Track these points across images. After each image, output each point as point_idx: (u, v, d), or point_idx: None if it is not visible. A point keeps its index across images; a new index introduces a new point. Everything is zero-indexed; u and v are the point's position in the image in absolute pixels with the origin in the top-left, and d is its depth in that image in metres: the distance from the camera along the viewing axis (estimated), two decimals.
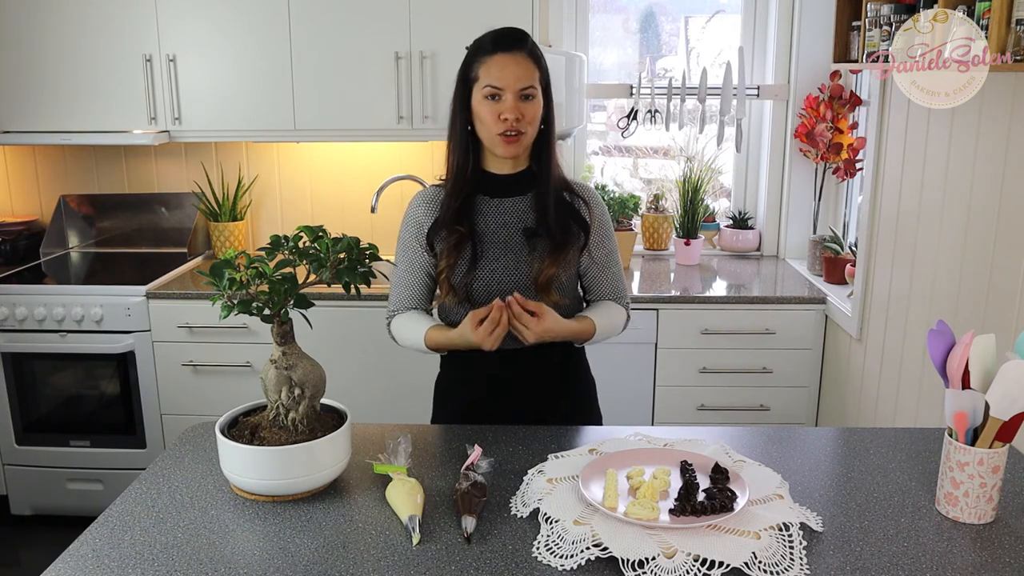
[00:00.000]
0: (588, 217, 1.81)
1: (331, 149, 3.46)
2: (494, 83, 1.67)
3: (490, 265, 1.75)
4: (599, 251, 1.83)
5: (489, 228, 1.76)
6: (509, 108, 1.66)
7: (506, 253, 1.75)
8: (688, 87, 3.33)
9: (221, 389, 3.03)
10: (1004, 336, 1.74)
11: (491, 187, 1.78)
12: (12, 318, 2.98)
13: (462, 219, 1.75)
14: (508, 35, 1.72)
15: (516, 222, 1.77)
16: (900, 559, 1.22)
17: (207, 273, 1.35)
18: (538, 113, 1.71)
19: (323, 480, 1.41)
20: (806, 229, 3.40)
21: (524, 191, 1.78)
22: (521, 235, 1.76)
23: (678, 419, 3.01)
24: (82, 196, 3.53)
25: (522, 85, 1.67)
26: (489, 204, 1.77)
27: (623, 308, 1.88)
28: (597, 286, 1.86)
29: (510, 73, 1.67)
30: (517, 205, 1.78)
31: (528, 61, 1.69)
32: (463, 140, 1.75)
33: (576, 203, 1.81)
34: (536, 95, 1.69)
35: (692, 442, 1.54)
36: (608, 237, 1.85)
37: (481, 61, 1.69)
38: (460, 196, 1.75)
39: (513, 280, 1.75)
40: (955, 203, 2.12)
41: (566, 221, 1.77)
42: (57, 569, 1.21)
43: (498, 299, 1.64)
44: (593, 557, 1.20)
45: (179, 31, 3.03)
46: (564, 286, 1.79)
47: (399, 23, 2.97)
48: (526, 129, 1.69)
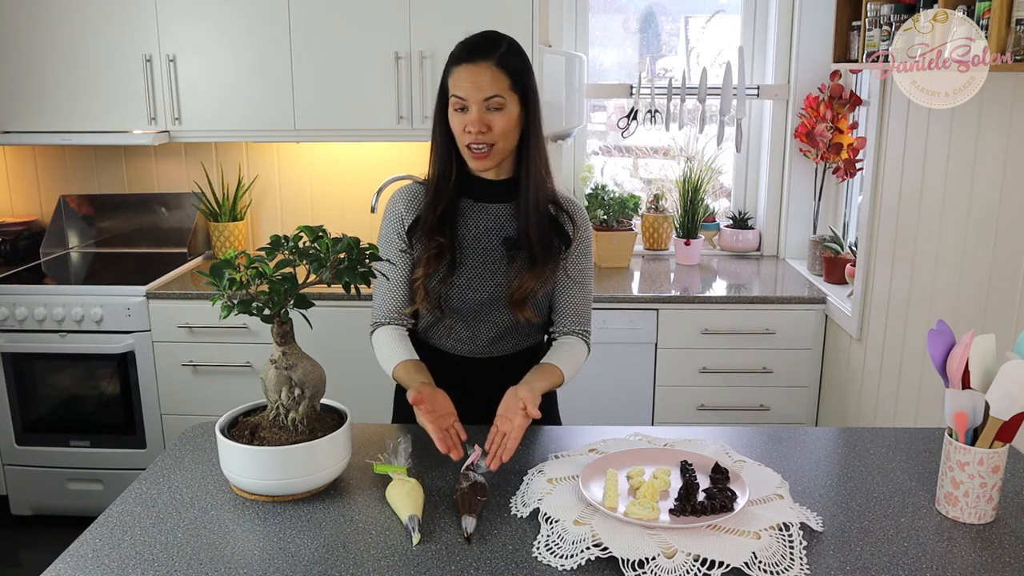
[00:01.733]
0: (572, 233, 1.76)
1: (331, 149, 3.46)
2: (458, 94, 1.62)
3: (467, 274, 1.72)
4: (575, 268, 1.77)
5: (470, 234, 1.73)
6: (473, 120, 1.61)
7: (484, 263, 1.72)
8: (688, 87, 3.33)
9: (221, 389, 3.03)
10: (1004, 336, 1.75)
11: (475, 191, 1.74)
12: (12, 318, 2.98)
13: (443, 226, 1.71)
14: (475, 44, 1.65)
15: (498, 229, 1.73)
16: (900, 559, 1.22)
17: (207, 273, 1.34)
18: (509, 124, 1.64)
19: (323, 480, 1.41)
20: (806, 229, 3.40)
21: (509, 198, 1.73)
22: (501, 245, 1.72)
23: (678, 419, 3.01)
24: (82, 196, 3.53)
25: (486, 95, 1.60)
26: (472, 208, 1.74)
27: (584, 344, 1.80)
28: (564, 306, 1.79)
29: (472, 84, 1.61)
30: (500, 212, 1.73)
31: (495, 70, 1.61)
32: (445, 147, 1.71)
33: (561, 217, 1.76)
34: (505, 105, 1.62)
35: (692, 442, 1.54)
36: (586, 258, 1.79)
37: (451, 71, 1.65)
38: (441, 203, 1.71)
39: (489, 291, 1.72)
40: (955, 203, 2.12)
41: (548, 235, 1.72)
42: (57, 569, 1.21)
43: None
44: (593, 557, 1.20)
45: (179, 31, 3.03)
46: (539, 303, 1.76)
47: (399, 23, 2.97)
48: (495, 141, 1.63)
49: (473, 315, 1.74)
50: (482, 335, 1.76)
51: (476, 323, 1.75)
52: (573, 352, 1.76)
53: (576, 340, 1.79)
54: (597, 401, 2.96)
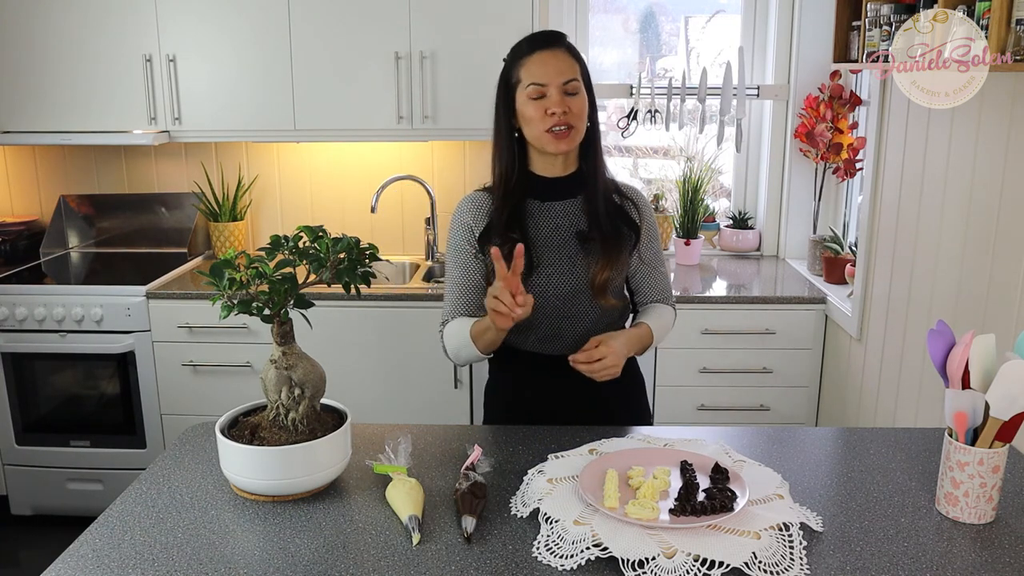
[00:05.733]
0: (638, 219, 1.81)
1: (331, 149, 3.46)
2: (537, 80, 1.67)
3: (545, 271, 1.73)
4: (647, 252, 1.84)
5: (541, 233, 1.75)
6: (555, 102, 1.66)
7: (560, 258, 1.74)
8: (688, 87, 3.33)
9: (221, 389, 3.03)
10: (1004, 336, 1.75)
11: (540, 190, 1.77)
12: (12, 318, 2.98)
13: (514, 225, 1.73)
14: (545, 34, 1.74)
15: (568, 225, 1.76)
16: (900, 559, 1.22)
17: (207, 273, 1.34)
18: (584, 107, 1.70)
19: (323, 480, 1.41)
20: (806, 229, 3.40)
21: (574, 193, 1.77)
22: (575, 238, 1.74)
23: (678, 419, 3.01)
24: (82, 196, 3.53)
25: (565, 79, 1.67)
26: (540, 208, 1.76)
27: (671, 308, 1.90)
28: (646, 287, 1.87)
29: (552, 68, 1.67)
30: (568, 208, 1.77)
31: (568, 56, 1.70)
32: (509, 145, 1.74)
33: (625, 205, 1.81)
34: (580, 90, 1.69)
35: (692, 442, 1.54)
36: (655, 238, 1.86)
37: (521, 63, 1.70)
38: (510, 202, 1.74)
39: (569, 284, 1.74)
40: (955, 203, 2.12)
41: (617, 223, 1.77)
42: (57, 569, 1.21)
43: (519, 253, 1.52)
44: (593, 557, 1.20)
45: (179, 31, 3.03)
46: (618, 288, 1.80)
47: (399, 23, 2.97)
48: (575, 123, 1.68)
49: (557, 312, 1.75)
50: (567, 332, 1.77)
51: (560, 320, 1.76)
52: (660, 314, 1.85)
53: (661, 305, 1.87)
54: None
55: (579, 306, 1.75)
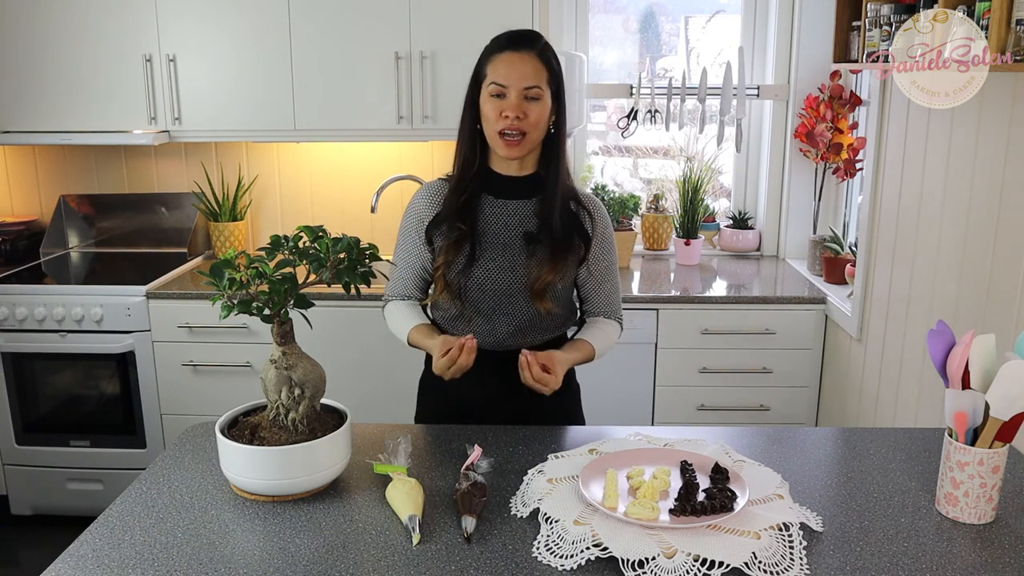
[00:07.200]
0: (591, 230, 1.80)
1: (331, 149, 3.46)
2: (499, 80, 1.67)
3: (486, 265, 1.75)
4: (598, 265, 1.83)
5: (490, 228, 1.76)
6: (512, 106, 1.66)
7: (504, 255, 1.75)
8: (688, 87, 3.33)
9: (221, 389, 3.03)
10: (1004, 336, 1.74)
11: (497, 187, 1.78)
12: (12, 318, 2.98)
13: (464, 217, 1.75)
14: (519, 34, 1.73)
15: (518, 225, 1.76)
16: (900, 559, 1.22)
17: (207, 273, 1.35)
18: (543, 115, 1.70)
19: (323, 480, 1.41)
20: (806, 229, 3.40)
21: (530, 195, 1.78)
22: (521, 239, 1.75)
23: (678, 419, 3.01)
24: (82, 196, 3.53)
25: (527, 84, 1.67)
26: (493, 204, 1.77)
27: (617, 324, 1.90)
28: (593, 299, 1.88)
29: (516, 71, 1.67)
30: (521, 209, 1.77)
31: (536, 61, 1.69)
32: (471, 138, 1.75)
33: (581, 214, 1.80)
34: (542, 96, 1.69)
35: (692, 442, 1.54)
36: (609, 251, 1.85)
37: (490, 59, 1.71)
38: (464, 193, 1.76)
39: (508, 282, 1.75)
40: (955, 203, 2.12)
41: (569, 231, 1.77)
42: (57, 569, 1.21)
43: (470, 337, 1.62)
44: (593, 557, 1.20)
45: (179, 31, 3.03)
46: (558, 295, 1.80)
47: (399, 23, 2.97)
48: (528, 130, 1.68)
49: (492, 307, 1.77)
50: (501, 328, 1.78)
51: (495, 316, 1.77)
52: (604, 330, 1.86)
53: (607, 320, 1.88)
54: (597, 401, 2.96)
55: (515, 305, 1.77)
